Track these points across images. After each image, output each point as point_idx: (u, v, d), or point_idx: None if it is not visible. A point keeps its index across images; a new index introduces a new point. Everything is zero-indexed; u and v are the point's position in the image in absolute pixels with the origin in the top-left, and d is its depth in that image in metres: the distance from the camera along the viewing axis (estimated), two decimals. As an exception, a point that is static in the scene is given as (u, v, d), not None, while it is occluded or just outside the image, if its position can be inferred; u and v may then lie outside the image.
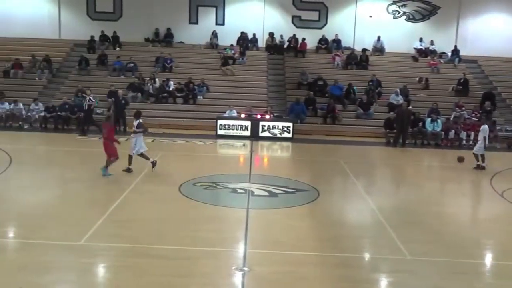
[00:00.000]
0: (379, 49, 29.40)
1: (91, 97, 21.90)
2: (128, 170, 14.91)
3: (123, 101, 22.51)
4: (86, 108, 21.77)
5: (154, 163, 15.28)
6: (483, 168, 17.33)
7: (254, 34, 29.23)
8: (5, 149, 17.53)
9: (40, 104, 22.99)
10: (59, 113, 22.12)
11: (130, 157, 15.01)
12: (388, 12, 29.87)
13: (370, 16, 29.60)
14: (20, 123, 22.51)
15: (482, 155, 17.47)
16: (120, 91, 22.99)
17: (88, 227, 10.38)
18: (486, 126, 17.99)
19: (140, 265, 8.81)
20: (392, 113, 23.06)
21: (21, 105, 22.73)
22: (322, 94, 25.50)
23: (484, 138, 17.47)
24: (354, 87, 25.48)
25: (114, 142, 14.90)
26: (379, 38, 29.27)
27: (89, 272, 8.72)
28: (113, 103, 22.62)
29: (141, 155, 15.26)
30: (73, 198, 12.74)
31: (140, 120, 15.44)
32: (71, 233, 10.15)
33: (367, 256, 10.00)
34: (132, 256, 9.20)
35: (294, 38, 28.94)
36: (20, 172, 15.19)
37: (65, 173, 14.69)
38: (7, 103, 22.82)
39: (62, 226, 10.67)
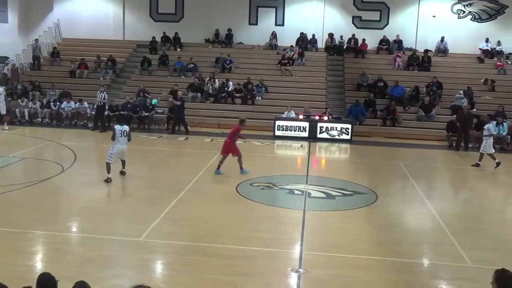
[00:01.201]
0: (442, 50, 28.62)
1: (105, 94, 22.32)
2: (107, 180, 13.70)
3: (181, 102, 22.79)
4: (100, 104, 22.12)
5: (108, 180, 13.69)
6: (478, 165, 17.55)
7: (313, 35, 29.09)
8: (70, 146, 18.22)
9: (104, 103, 23.68)
10: (121, 112, 22.73)
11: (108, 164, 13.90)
12: (453, 12, 29.03)
13: (434, 16, 28.86)
14: (84, 121, 23.28)
15: (482, 154, 17.66)
16: (179, 92, 23.33)
17: (148, 224, 10.62)
18: (491, 124, 18.29)
19: (197, 263, 8.94)
20: (455, 115, 22.41)
21: (86, 104, 23.50)
22: (382, 96, 25.11)
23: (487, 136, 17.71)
24: (419, 89, 24.91)
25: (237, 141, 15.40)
26: (442, 38, 28.49)
27: (148, 268, 8.93)
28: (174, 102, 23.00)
29: (107, 165, 13.77)
30: (133, 195, 13.06)
31: (116, 125, 14.25)
32: (131, 229, 10.42)
33: (426, 262, 9.75)
34: (189, 254, 9.34)
35: (354, 39, 28.62)
36: (83, 169, 15.72)
37: (126, 171, 15.03)
38: (72, 102, 23.66)
39: (123, 222, 10.98)
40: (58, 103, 23.69)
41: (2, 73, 27.01)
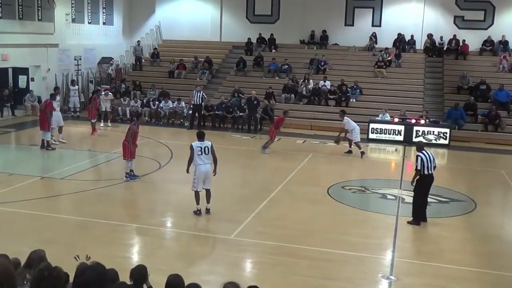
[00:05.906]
0: (553, 52, 26.79)
1: (203, 94, 22.96)
2: (196, 212, 11.35)
3: (255, 102, 22.92)
4: (197, 103, 22.67)
5: (197, 213, 11.21)
6: (351, 152, 18.40)
7: (412, 36, 28.23)
8: (168, 144, 18.88)
9: (200, 103, 24.29)
10: (216, 112, 23.22)
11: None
12: None
13: (545, 15, 27.10)
14: (181, 120, 24.03)
15: (351, 142, 18.42)
16: (253, 92, 23.47)
17: (239, 223, 10.78)
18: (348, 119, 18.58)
19: (286, 263, 8.95)
20: None
21: (183, 103, 24.23)
22: (484, 100, 23.88)
23: (346, 130, 18.29)
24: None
25: None
26: (554, 39, 26.68)
27: (237, 266, 9.05)
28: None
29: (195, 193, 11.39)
30: (225, 194, 13.26)
31: (193, 142, 12.13)
32: (222, 227, 10.63)
33: (529, 277, 9.16)
34: (278, 254, 9.37)
35: (455, 40, 27.46)
36: (179, 167, 16.10)
37: (219, 170, 15.39)
38: (170, 101, 24.49)
39: (215, 220, 11.19)
40: (157, 102, 24.60)
41: (107, 73, 28.53)
